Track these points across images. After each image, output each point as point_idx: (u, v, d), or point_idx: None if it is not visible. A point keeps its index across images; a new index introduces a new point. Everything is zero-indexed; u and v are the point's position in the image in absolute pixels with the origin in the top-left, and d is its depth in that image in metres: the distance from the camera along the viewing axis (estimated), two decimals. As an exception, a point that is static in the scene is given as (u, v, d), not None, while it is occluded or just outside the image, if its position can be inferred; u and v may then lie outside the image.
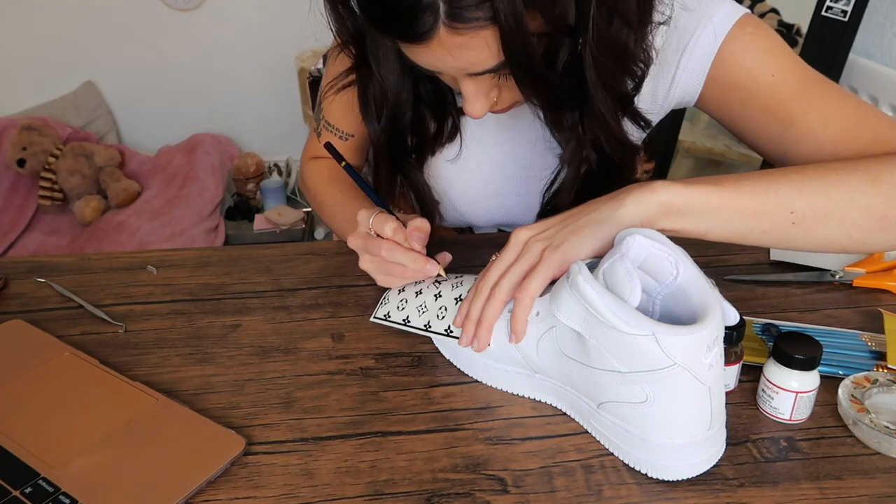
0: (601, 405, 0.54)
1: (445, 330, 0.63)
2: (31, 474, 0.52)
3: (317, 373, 0.65)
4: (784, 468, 0.53)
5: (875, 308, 0.72)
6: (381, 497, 0.51)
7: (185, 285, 0.79)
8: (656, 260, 0.53)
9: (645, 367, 0.49)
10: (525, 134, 0.82)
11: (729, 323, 0.53)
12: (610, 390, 0.52)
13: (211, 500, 0.51)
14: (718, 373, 0.50)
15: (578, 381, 0.55)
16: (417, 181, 0.83)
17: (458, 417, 0.59)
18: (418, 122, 0.78)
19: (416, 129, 0.79)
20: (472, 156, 0.83)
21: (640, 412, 0.51)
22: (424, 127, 0.79)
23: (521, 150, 0.83)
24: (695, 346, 0.48)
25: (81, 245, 2.09)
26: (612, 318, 0.49)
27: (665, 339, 0.47)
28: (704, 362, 0.48)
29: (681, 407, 0.50)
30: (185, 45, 2.32)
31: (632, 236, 0.53)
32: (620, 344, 0.49)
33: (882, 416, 0.55)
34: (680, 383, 0.49)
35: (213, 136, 2.40)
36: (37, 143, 2.13)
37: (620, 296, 0.50)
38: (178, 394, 0.62)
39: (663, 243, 0.53)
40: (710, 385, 0.49)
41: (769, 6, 1.93)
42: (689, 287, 0.52)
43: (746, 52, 0.69)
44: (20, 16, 2.24)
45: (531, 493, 0.51)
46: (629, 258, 0.52)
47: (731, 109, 0.72)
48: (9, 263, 0.83)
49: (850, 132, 0.65)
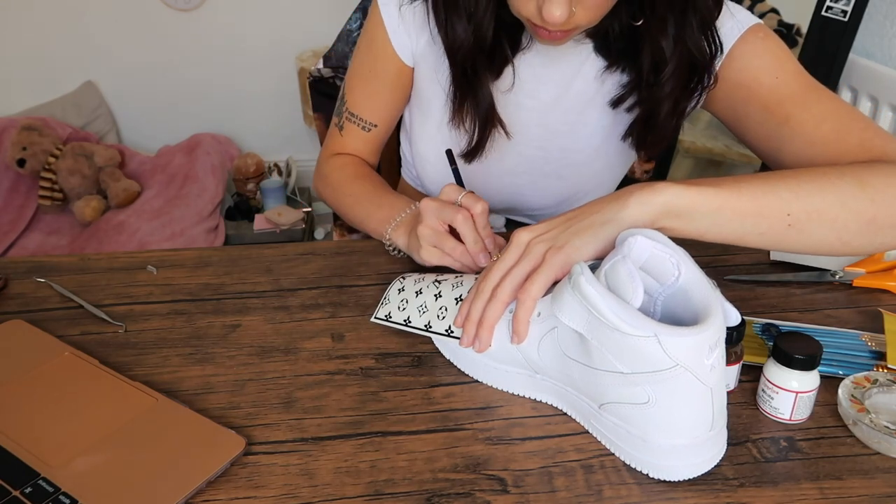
0: (602, 406, 0.54)
1: (446, 330, 0.63)
2: (31, 474, 0.52)
3: (317, 373, 0.65)
4: (784, 468, 0.53)
5: (875, 308, 0.72)
6: (381, 497, 0.51)
7: (185, 285, 0.79)
8: (658, 261, 0.53)
9: (647, 368, 0.49)
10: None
11: (730, 324, 0.53)
12: (612, 391, 0.52)
13: (211, 500, 0.51)
14: (720, 374, 0.50)
15: (580, 382, 0.55)
16: (486, 101, 0.81)
17: (458, 417, 0.59)
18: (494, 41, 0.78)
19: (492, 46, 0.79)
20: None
21: (641, 413, 0.51)
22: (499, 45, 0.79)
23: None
24: (697, 348, 0.48)
25: (81, 245, 2.09)
26: (614, 319, 0.48)
27: (667, 340, 0.47)
28: (706, 363, 0.48)
29: (682, 408, 0.50)
30: (185, 45, 2.32)
31: (633, 237, 0.53)
32: (622, 345, 0.49)
33: (882, 416, 0.55)
34: (682, 384, 0.49)
35: (213, 136, 2.40)
36: (37, 143, 2.13)
37: (622, 297, 0.50)
38: (178, 394, 0.62)
39: (665, 244, 0.53)
40: (711, 386, 0.50)
41: (769, 6, 1.93)
42: (690, 288, 0.52)
43: (755, 54, 0.74)
44: (20, 16, 2.24)
45: (531, 493, 0.51)
46: (631, 259, 0.52)
47: (733, 106, 0.76)
48: (9, 263, 0.83)
49: (840, 133, 0.68)
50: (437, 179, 0.92)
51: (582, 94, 0.83)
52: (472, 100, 0.80)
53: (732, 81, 0.75)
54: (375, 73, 0.87)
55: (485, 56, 0.77)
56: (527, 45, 0.80)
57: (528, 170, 0.90)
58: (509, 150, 0.88)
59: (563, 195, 0.92)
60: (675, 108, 0.77)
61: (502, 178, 0.90)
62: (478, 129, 0.82)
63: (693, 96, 0.77)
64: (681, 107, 0.77)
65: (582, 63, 0.82)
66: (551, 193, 0.92)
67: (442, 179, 0.84)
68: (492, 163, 0.88)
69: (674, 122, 0.78)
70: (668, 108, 0.76)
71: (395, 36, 0.84)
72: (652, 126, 0.79)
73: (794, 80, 0.72)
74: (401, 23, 0.84)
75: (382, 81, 0.87)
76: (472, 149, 0.84)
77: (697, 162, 2.19)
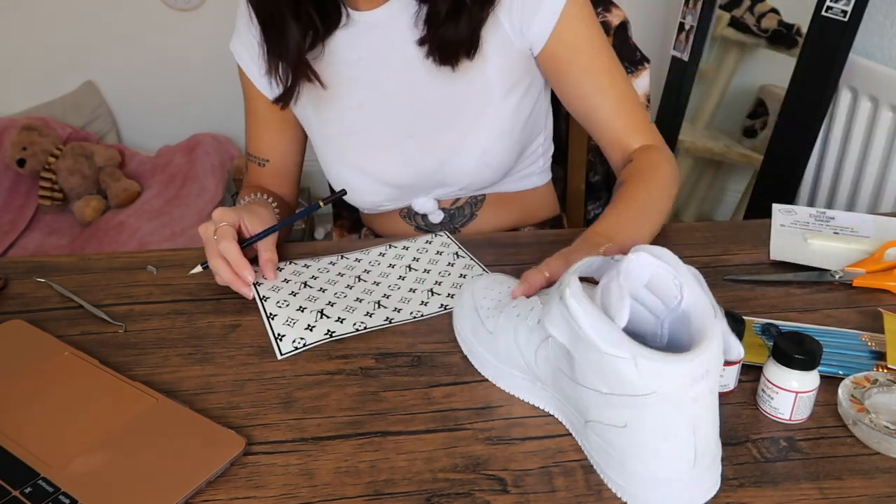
0: (587, 423, 0.53)
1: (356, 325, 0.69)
2: (31, 474, 0.52)
3: (317, 373, 0.64)
4: (784, 468, 0.53)
5: (875, 308, 0.72)
6: (381, 497, 0.51)
7: (185, 285, 0.79)
8: (662, 280, 0.51)
9: (625, 390, 0.47)
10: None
11: (730, 358, 0.50)
12: (593, 409, 0.51)
13: (211, 500, 0.51)
14: (709, 408, 0.48)
15: (570, 395, 0.54)
16: (294, 51, 0.85)
17: (458, 417, 0.59)
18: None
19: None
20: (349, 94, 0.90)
21: (619, 436, 0.49)
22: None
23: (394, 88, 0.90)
24: (677, 376, 0.45)
25: (81, 245, 2.09)
26: (593, 335, 0.47)
27: (644, 364, 0.45)
28: (688, 395, 0.46)
29: (660, 439, 0.47)
30: (185, 45, 2.32)
31: (636, 254, 0.51)
32: (602, 363, 0.48)
33: (882, 416, 0.55)
34: (660, 413, 0.46)
35: (213, 136, 2.39)
36: (37, 143, 2.13)
37: (611, 315, 0.48)
38: (178, 394, 0.62)
39: (670, 263, 0.51)
40: (693, 420, 0.47)
41: (769, 6, 1.93)
42: (692, 313, 0.49)
43: (580, 19, 0.85)
44: (20, 16, 2.23)
45: (531, 493, 0.51)
46: (632, 277, 0.50)
47: (558, 67, 0.87)
48: (9, 263, 0.83)
49: (631, 113, 0.87)
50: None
51: (402, 48, 0.87)
52: (281, 50, 0.85)
53: (564, 42, 0.85)
54: (254, 116, 0.96)
55: (290, 7, 0.82)
56: (345, 24, 0.87)
57: (381, 131, 0.92)
58: (350, 114, 0.91)
59: (448, 146, 0.92)
60: (454, 11, 0.81)
61: (378, 150, 0.93)
62: (291, 79, 0.87)
63: (483, 10, 0.82)
64: (473, 18, 0.82)
65: (394, 17, 0.86)
66: (436, 147, 0.92)
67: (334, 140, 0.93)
68: (346, 130, 0.92)
69: (466, 31, 0.82)
70: (447, 8, 0.81)
71: (252, 75, 0.93)
72: (436, 28, 0.82)
73: (605, 51, 0.87)
74: (255, 67, 0.91)
75: (260, 120, 0.96)
76: (285, 92, 0.89)
77: (697, 162, 2.19)
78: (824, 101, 1.60)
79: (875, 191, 1.57)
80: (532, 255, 0.82)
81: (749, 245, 0.85)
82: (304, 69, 0.87)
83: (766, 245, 0.84)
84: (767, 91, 1.99)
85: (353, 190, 0.95)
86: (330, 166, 0.96)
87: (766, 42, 1.92)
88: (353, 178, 0.94)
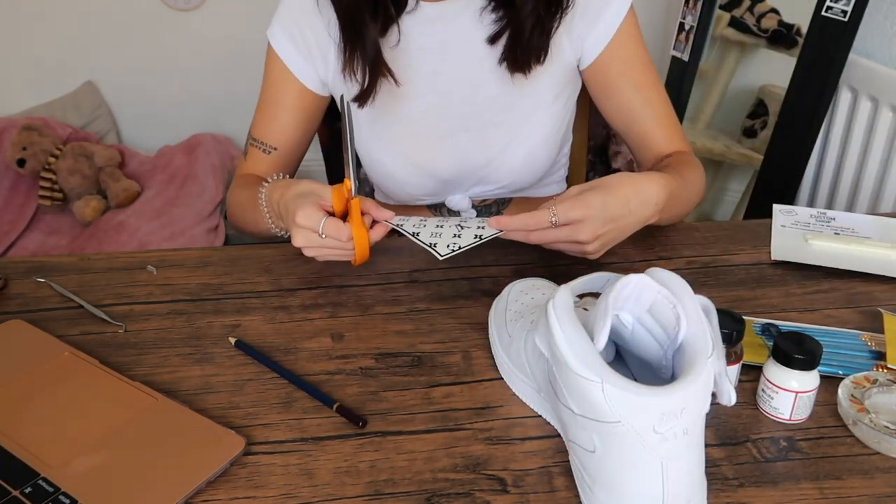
0: (568, 440, 0.52)
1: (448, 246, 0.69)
2: (31, 474, 0.52)
3: (317, 373, 0.65)
4: (784, 468, 0.53)
5: (875, 308, 0.72)
6: (381, 497, 0.51)
7: (185, 285, 0.79)
8: (662, 307, 0.49)
9: (594, 414, 0.45)
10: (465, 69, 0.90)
11: (722, 402, 0.48)
12: (570, 428, 0.49)
13: (211, 500, 0.51)
14: (682, 448, 0.44)
15: (556, 410, 0.53)
16: (372, 50, 0.85)
17: (458, 417, 0.59)
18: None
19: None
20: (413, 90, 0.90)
21: (590, 461, 0.48)
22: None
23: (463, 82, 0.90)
24: (642, 410, 0.43)
25: (81, 245, 2.09)
26: (567, 353, 0.46)
27: (611, 390, 0.43)
28: (656, 432, 0.43)
29: (627, 471, 0.45)
30: (185, 45, 2.31)
31: (637, 276, 0.48)
32: (572, 383, 0.46)
33: (882, 416, 0.55)
34: (626, 445, 0.44)
35: (213, 136, 2.39)
36: (37, 143, 2.13)
37: (593, 335, 0.46)
38: (178, 394, 0.62)
39: (673, 290, 0.48)
40: (662, 458, 0.44)
41: (769, 6, 1.93)
42: (688, 345, 0.47)
43: (633, 36, 0.89)
44: (20, 16, 2.23)
45: (531, 493, 0.51)
46: (629, 299, 0.49)
47: (608, 80, 0.90)
48: (9, 263, 0.83)
49: (671, 125, 0.91)
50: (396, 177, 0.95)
51: (465, 43, 0.88)
52: (360, 49, 0.85)
53: (616, 55, 0.88)
54: (276, 99, 0.93)
55: (368, 5, 0.83)
56: (412, 9, 0.87)
57: (436, 122, 0.91)
58: (407, 104, 0.90)
59: (499, 144, 0.92)
60: (538, 24, 0.83)
61: (431, 142, 0.92)
62: (369, 78, 0.86)
63: (555, 18, 0.85)
64: (546, 26, 0.84)
65: (460, 13, 0.87)
66: (488, 144, 0.92)
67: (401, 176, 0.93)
68: (401, 119, 0.91)
69: (541, 40, 0.85)
70: (532, 23, 0.83)
71: (294, 64, 0.91)
72: (519, 42, 0.84)
73: (650, 68, 0.91)
74: (297, 54, 0.90)
75: (281, 105, 0.93)
76: (363, 93, 0.88)
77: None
78: (824, 101, 1.60)
79: (875, 191, 1.57)
80: (532, 255, 0.82)
81: (749, 245, 0.85)
82: (381, 68, 0.86)
83: (766, 245, 0.84)
84: (767, 91, 1.99)
85: (395, 180, 0.94)
86: (373, 153, 0.93)
87: (766, 42, 1.91)
88: (399, 168, 0.93)
